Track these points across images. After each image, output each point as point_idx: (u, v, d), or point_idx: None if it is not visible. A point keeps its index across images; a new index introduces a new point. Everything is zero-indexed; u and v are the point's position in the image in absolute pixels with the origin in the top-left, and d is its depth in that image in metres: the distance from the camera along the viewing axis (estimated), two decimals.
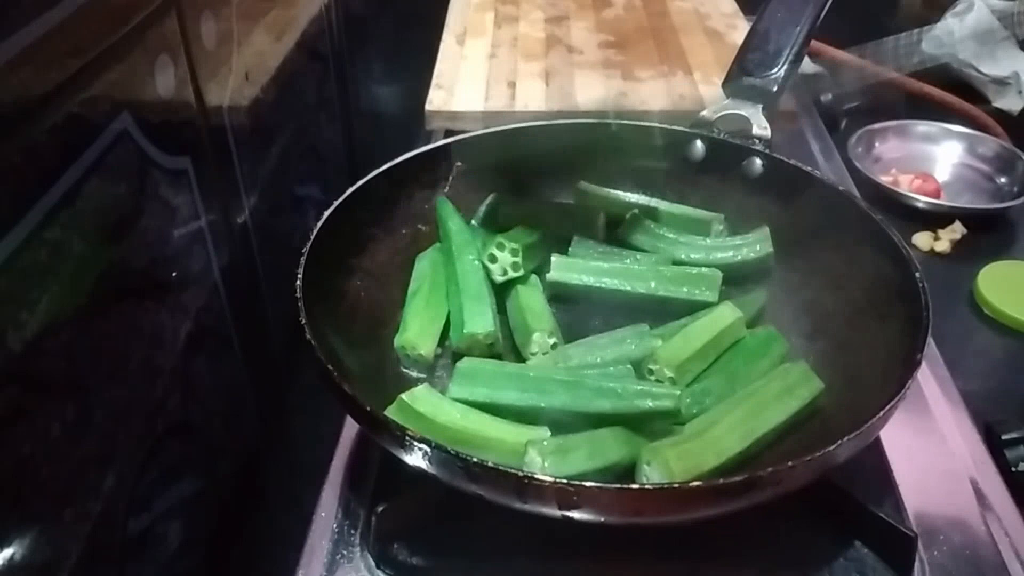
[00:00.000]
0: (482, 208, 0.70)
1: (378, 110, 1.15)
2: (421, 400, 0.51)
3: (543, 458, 0.48)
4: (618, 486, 0.43)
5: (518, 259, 0.62)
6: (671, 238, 0.67)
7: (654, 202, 0.70)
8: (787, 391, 0.53)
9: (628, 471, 0.50)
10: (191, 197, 0.53)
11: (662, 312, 0.61)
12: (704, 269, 0.63)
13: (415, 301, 0.61)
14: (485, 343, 0.58)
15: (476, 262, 0.63)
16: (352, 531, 0.52)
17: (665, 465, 0.47)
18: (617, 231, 0.68)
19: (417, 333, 0.58)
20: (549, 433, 0.50)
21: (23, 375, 0.36)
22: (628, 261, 0.65)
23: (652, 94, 0.88)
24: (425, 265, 0.64)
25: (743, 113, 0.69)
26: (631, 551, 0.49)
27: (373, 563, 0.49)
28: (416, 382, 0.55)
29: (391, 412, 0.50)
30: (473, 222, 0.69)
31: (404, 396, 0.51)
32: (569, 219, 0.69)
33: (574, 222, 0.68)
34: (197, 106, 0.54)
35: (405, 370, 0.59)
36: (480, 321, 0.58)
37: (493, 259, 0.62)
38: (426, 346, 0.58)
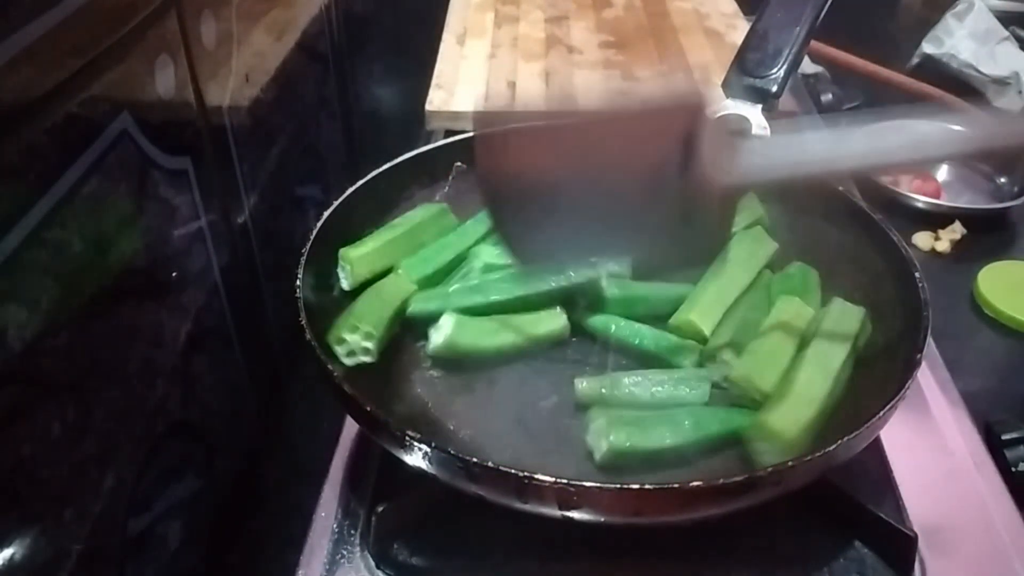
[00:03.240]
0: None
1: (378, 110, 1.15)
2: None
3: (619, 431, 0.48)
4: (618, 486, 0.43)
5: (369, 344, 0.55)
6: None
7: None
8: (836, 327, 0.55)
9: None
10: (191, 197, 0.53)
11: None
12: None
13: (386, 233, 0.62)
14: (409, 283, 0.60)
15: (473, 238, 0.64)
16: (352, 531, 0.52)
17: (771, 434, 0.48)
18: None
19: (362, 260, 0.60)
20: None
21: (23, 375, 0.36)
22: None
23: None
24: (421, 213, 0.65)
25: (743, 113, 0.69)
26: (631, 551, 0.49)
27: (373, 563, 0.49)
28: (412, 379, 0.55)
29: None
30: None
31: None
32: None
33: None
34: (197, 106, 0.54)
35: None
36: (422, 268, 0.61)
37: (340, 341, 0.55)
38: (361, 276, 0.59)
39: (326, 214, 0.59)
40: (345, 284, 0.60)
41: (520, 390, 0.55)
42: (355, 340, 0.54)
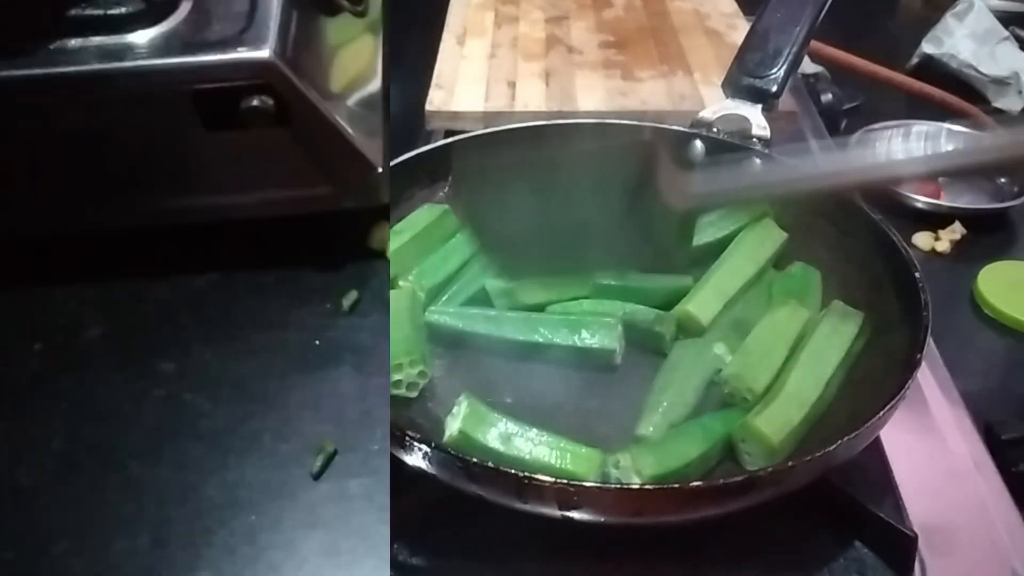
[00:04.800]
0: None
1: None
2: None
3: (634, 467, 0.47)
4: (618, 486, 0.43)
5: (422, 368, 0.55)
6: None
7: None
8: (833, 331, 0.55)
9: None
10: None
11: None
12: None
13: (391, 241, 0.61)
14: (419, 295, 0.59)
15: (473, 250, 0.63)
16: None
17: (758, 435, 0.48)
18: None
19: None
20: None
21: None
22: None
23: (652, 94, 0.88)
24: (423, 217, 0.65)
25: (743, 113, 0.69)
26: (631, 551, 0.49)
27: None
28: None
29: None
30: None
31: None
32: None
33: None
34: None
35: None
36: (432, 276, 0.61)
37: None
38: None
39: None
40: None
41: None
42: (408, 374, 0.53)
